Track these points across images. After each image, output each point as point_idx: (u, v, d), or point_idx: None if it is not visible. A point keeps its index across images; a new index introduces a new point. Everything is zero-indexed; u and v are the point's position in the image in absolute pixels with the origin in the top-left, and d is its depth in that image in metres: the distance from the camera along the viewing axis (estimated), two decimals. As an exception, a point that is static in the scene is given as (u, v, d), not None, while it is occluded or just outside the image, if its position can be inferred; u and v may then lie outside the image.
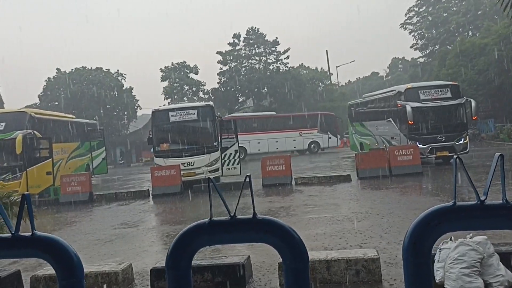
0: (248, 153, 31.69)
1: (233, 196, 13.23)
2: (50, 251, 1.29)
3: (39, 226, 10.08)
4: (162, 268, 5.40)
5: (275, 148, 31.82)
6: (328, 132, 33.04)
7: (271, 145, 31.85)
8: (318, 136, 33.48)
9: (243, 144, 32.03)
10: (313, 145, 33.62)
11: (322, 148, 33.79)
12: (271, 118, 34.54)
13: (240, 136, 31.68)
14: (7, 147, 15.55)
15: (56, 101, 42.46)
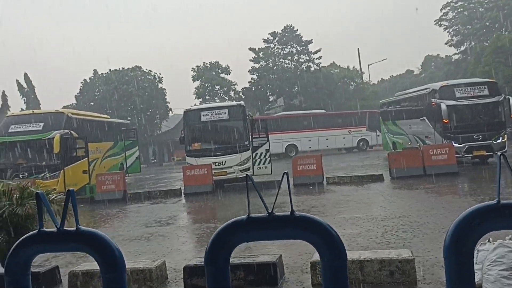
0: (300, 150, 32.03)
1: (265, 195, 13.24)
2: (93, 245, 1.32)
3: (71, 225, 10.36)
4: (195, 266, 5.46)
5: (325, 146, 32.14)
6: (376, 130, 32.90)
7: (322, 143, 32.20)
8: (366, 133, 33.86)
9: (294, 142, 32.30)
10: (362, 143, 33.99)
11: (370, 145, 34.00)
12: (321, 116, 34.67)
13: (291, 133, 32.22)
14: (46, 146, 16.05)
15: (91, 102, 43.54)
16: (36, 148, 16.22)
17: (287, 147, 32.37)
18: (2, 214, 5.53)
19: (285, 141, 32.27)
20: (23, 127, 16.54)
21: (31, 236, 1.37)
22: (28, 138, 16.16)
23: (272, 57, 47.59)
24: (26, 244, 1.38)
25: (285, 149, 32.16)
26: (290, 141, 32.56)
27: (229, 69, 48.28)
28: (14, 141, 16.22)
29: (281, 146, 31.89)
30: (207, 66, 47.54)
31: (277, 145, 31.66)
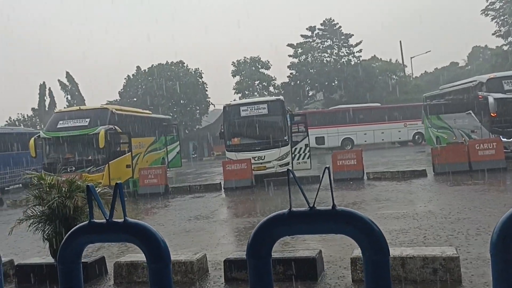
0: (355, 144, 32.11)
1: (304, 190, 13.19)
2: (140, 237, 1.37)
3: (120, 216, 10.70)
4: (235, 259, 5.53)
5: (381, 139, 31.99)
6: None
7: (377, 136, 32.11)
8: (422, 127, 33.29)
9: (350, 135, 32.28)
10: (417, 136, 33.41)
11: None
12: (377, 109, 34.39)
13: (347, 127, 32.20)
14: (91, 141, 16.63)
15: (134, 98, 44.60)
16: (83, 143, 16.82)
17: (343, 140, 32.32)
18: (51, 205, 5.77)
19: (341, 135, 32.25)
20: (70, 122, 17.17)
21: (82, 227, 1.43)
22: (75, 134, 16.77)
23: (311, 51, 47.19)
24: (77, 234, 1.45)
25: (341, 143, 32.09)
26: (346, 135, 32.53)
27: (269, 64, 48.27)
28: (62, 136, 16.88)
29: (337, 140, 31.91)
30: (247, 61, 47.70)
31: (333, 138, 31.64)
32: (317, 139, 31.47)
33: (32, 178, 6.65)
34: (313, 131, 31.50)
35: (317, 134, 31.45)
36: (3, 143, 22.72)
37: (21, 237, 8.43)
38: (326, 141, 31.89)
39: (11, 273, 6.21)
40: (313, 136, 31.39)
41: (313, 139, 31.40)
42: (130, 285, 5.68)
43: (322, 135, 31.79)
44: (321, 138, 31.70)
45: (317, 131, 31.57)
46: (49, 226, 5.98)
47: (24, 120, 54.00)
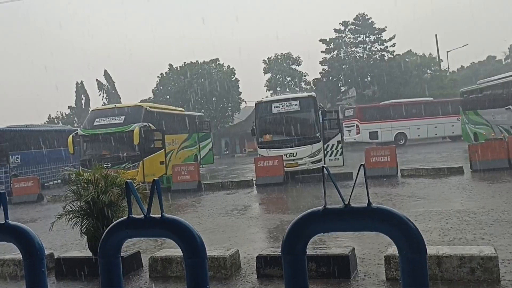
0: (409, 138, 31.99)
1: (333, 187, 13.08)
2: (177, 232, 1.40)
3: (155, 212, 10.90)
4: (268, 256, 5.55)
5: (434, 134, 31.59)
6: None
7: (430, 131, 31.76)
8: None
9: (403, 130, 32.08)
10: None
11: None
12: (429, 104, 33.91)
13: (401, 121, 31.98)
14: (126, 138, 16.98)
15: (167, 95, 45.28)
16: (118, 140, 17.20)
17: (396, 135, 32.01)
18: (90, 201, 5.94)
19: (394, 129, 31.98)
20: (106, 120, 17.59)
21: (121, 222, 1.48)
22: (110, 131, 17.17)
23: (343, 47, 46.64)
24: (116, 229, 1.49)
25: (395, 137, 31.80)
26: (400, 129, 32.20)
27: (300, 60, 48.05)
28: (98, 134, 17.32)
29: (391, 134, 31.69)
30: (278, 58, 47.62)
31: (387, 133, 31.41)
32: (371, 133, 31.43)
33: (70, 174, 6.86)
34: (366, 125, 31.41)
35: (371, 129, 31.41)
36: (43, 140, 23.52)
37: (60, 232, 8.71)
38: (379, 136, 31.63)
39: (50, 266, 6.43)
40: (366, 131, 31.36)
41: (366, 134, 31.36)
42: (165, 279, 5.78)
43: (376, 130, 31.59)
44: (374, 133, 31.53)
45: (370, 125, 31.44)
46: (86, 221, 6.16)
47: (63, 118, 55.76)
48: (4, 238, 1.73)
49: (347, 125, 32.58)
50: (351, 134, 32.36)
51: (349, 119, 32.85)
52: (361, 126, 31.57)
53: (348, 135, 32.66)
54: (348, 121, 32.71)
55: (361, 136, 31.66)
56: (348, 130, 32.58)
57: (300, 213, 6.63)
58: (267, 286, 5.20)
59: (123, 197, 6.23)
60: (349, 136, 32.49)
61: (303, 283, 1.49)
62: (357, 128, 31.80)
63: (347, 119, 32.94)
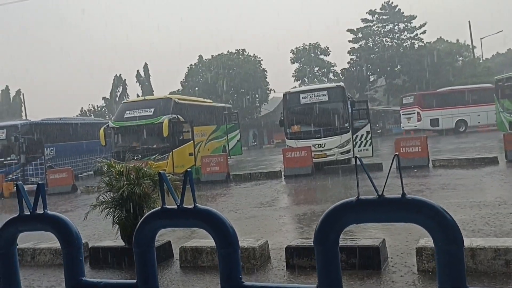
0: (469, 125, 31.63)
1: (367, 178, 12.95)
2: (209, 222, 1.42)
3: (187, 203, 11.03)
4: (297, 246, 5.55)
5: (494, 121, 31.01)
6: None
7: (490, 118, 31.17)
8: None
9: (463, 117, 31.66)
10: None
11: None
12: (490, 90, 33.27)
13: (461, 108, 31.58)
14: (156, 130, 17.22)
15: (196, 87, 45.62)
16: (148, 132, 17.47)
17: (457, 122, 31.58)
18: (123, 193, 6.07)
19: (455, 116, 31.56)
20: (136, 112, 17.87)
21: (155, 212, 1.50)
22: (140, 123, 17.45)
23: (372, 36, 45.87)
24: (150, 219, 1.52)
25: (455, 124, 31.40)
26: (460, 116, 31.77)
27: (328, 50, 47.53)
28: (129, 126, 17.63)
29: (451, 121, 31.33)
30: (306, 48, 47.23)
31: (448, 120, 31.06)
32: (432, 121, 31.11)
33: (102, 166, 7.01)
34: (428, 112, 31.01)
35: (431, 116, 31.04)
36: (76, 133, 24.14)
37: (94, 221, 8.93)
38: (440, 123, 31.21)
39: (85, 254, 6.62)
40: (427, 118, 30.97)
41: (427, 121, 30.99)
42: (195, 269, 5.87)
43: (437, 117, 31.22)
44: (435, 120, 31.19)
45: (431, 113, 31.04)
46: (119, 211, 6.30)
47: (94, 111, 56.99)
48: (44, 228, 1.79)
49: (406, 113, 32.35)
50: (410, 122, 32.00)
51: (407, 106, 32.47)
52: (422, 114, 31.14)
53: (406, 123, 32.36)
54: (406, 109, 32.39)
55: (422, 124, 31.27)
56: (406, 118, 32.31)
57: (328, 204, 6.61)
58: (297, 277, 5.21)
59: (153, 189, 6.34)
60: (408, 123, 32.17)
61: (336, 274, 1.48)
62: (418, 116, 31.36)
63: (405, 107, 32.66)
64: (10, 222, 1.78)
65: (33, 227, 1.86)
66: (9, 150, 20.34)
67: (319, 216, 6.70)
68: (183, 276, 5.67)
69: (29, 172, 20.04)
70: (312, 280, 4.92)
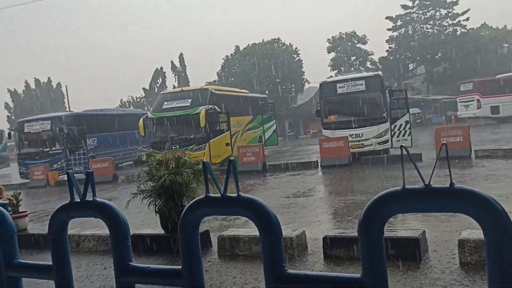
0: None
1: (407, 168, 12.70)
2: (253, 210, 1.43)
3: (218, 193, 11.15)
4: (335, 237, 5.52)
5: None
6: None
7: None
8: None
9: None
10: None
11: None
12: None
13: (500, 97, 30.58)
14: (193, 121, 17.46)
15: (232, 77, 45.81)
16: (185, 123, 17.73)
17: None
18: (164, 182, 6.19)
19: None
20: (174, 103, 18.15)
21: (200, 200, 1.53)
22: (178, 114, 17.72)
23: (411, 23, 44.65)
24: (195, 207, 1.55)
25: None
26: None
27: (366, 39, 46.65)
28: (167, 117, 17.94)
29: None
30: (343, 37, 46.51)
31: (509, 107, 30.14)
32: (492, 108, 30.11)
33: (141, 156, 7.18)
34: (488, 100, 30.06)
35: (492, 103, 30.06)
36: (116, 123, 24.77)
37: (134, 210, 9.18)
38: (501, 111, 30.22)
39: (127, 242, 6.81)
40: (487, 105, 30.04)
41: (487, 108, 30.05)
42: (232, 258, 5.94)
43: (497, 104, 30.17)
44: (496, 107, 30.18)
45: (492, 100, 30.07)
46: (159, 200, 6.45)
47: (134, 102, 58.27)
48: (93, 214, 1.86)
49: (464, 100, 31.39)
50: (469, 109, 31.01)
51: (466, 93, 31.45)
52: (482, 101, 30.17)
53: (464, 111, 31.40)
54: (464, 96, 31.40)
55: (482, 111, 30.26)
56: (464, 105, 31.36)
57: (365, 195, 6.56)
58: (335, 267, 5.19)
59: (192, 178, 6.44)
60: (466, 111, 31.20)
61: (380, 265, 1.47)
62: (477, 103, 30.30)
63: (462, 94, 31.69)
64: (61, 208, 1.86)
65: (82, 214, 1.94)
66: (53, 140, 21.10)
67: (355, 207, 6.67)
68: (222, 264, 5.76)
69: (72, 162, 20.78)
70: (351, 270, 4.90)
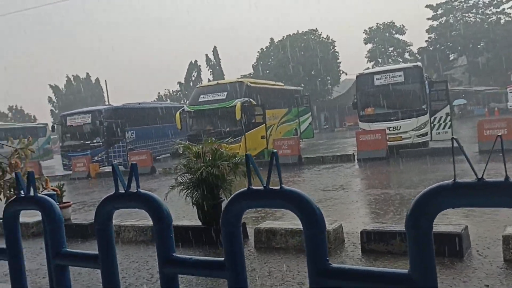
0: None
1: (448, 162, 12.39)
2: (296, 203, 1.42)
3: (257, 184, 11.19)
4: (373, 231, 5.44)
5: None
6: None
7: None
8: None
9: None
10: None
11: None
12: None
13: None
14: (229, 114, 17.56)
15: (266, 70, 45.73)
16: (221, 116, 17.86)
17: None
18: (201, 174, 6.26)
19: None
20: (210, 96, 18.31)
21: (242, 193, 1.54)
22: (213, 107, 17.87)
23: (453, 12, 43.19)
24: (237, 199, 1.56)
25: None
26: None
27: (404, 29, 45.50)
28: (203, 110, 18.12)
29: None
30: (380, 28, 45.54)
31: None
32: None
33: (179, 148, 7.28)
34: None
35: None
36: (154, 117, 25.23)
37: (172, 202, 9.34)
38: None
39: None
40: None
41: None
42: (269, 250, 5.96)
43: None
44: None
45: None
46: (196, 192, 6.53)
47: (170, 95, 59.21)
48: (137, 205, 1.90)
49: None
50: None
51: None
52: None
53: None
54: None
55: None
56: None
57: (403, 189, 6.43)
58: (373, 262, 5.12)
59: (229, 170, 6.49)
60: None
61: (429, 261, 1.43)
62: None
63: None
64: (106, 199, 1.91)
65: (127, 205, 1.99)
66: (94, 133, 21.70)
67: (393, 201, 6.54)
68: (259, 256, 5.78)
69: (112, 154, 21.33)
70: (390, 265, 4.82)
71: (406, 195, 8.60)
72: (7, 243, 2.25)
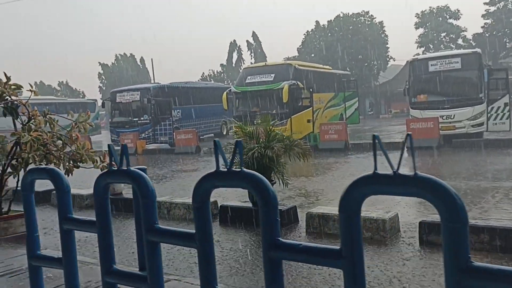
0: None
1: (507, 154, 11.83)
2: (433, 193, 1.30)
3: (301, 170, 11.03)
4: (433, 222, 5.23)
5: None
6: None
7: None
8: None
9: None
10: None
11: None
12: None
13: None
14: (276, 96, 17.40)
15: (312, 54, 44.97)
16: (268, 97, 17.72)
17: None
18: (253, 154, 6.19)
19: None
20: (257, 78, 18.16)
21: (366, 177, 1.43)
22: (261, 88, 17.74)
23: (514, -5, 40.85)
24: (360, 184, 1.45)
25: None
26: None
27: (459, 14, 43.46)
28: (250, 91, 18.03)
29: None
30: (433, 12, 43.69)
31: None
32: None
33: (230, 128, 7.23)
34: None
35: None
36: (200, 96, 25.40)
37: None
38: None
39: (214, 212, 6.96)
40: None
41: None
42: (321, 235, 5.86)
43: None
44: None
45: None
46: (248, 173, 6.47)
47: (214, 76, 59.56)
48: (240, 185, 1.87)
49: None
50: None
51: None
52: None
53: None
54: None
55: None
56: None
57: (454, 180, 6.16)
58: (432, 254, 4.93)
59: (283, 152, 6.39)
60: None
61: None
62: None
63: None
64: (206, 177, 1.85)
65: (229, 183, 1.93)
66: (142, 111, 22.09)
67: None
68: (310, 241, 5.69)
69: (158, 132, 21.68)
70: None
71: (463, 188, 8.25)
72: (97, 216, 2.24)
